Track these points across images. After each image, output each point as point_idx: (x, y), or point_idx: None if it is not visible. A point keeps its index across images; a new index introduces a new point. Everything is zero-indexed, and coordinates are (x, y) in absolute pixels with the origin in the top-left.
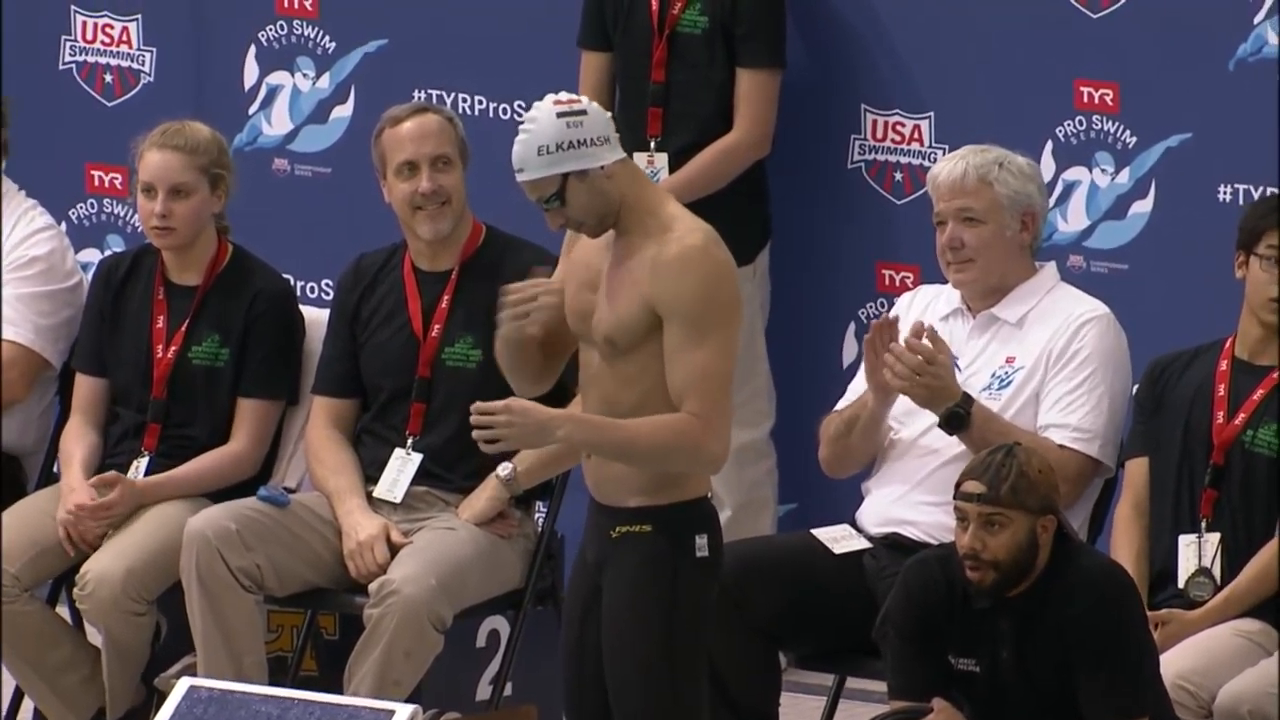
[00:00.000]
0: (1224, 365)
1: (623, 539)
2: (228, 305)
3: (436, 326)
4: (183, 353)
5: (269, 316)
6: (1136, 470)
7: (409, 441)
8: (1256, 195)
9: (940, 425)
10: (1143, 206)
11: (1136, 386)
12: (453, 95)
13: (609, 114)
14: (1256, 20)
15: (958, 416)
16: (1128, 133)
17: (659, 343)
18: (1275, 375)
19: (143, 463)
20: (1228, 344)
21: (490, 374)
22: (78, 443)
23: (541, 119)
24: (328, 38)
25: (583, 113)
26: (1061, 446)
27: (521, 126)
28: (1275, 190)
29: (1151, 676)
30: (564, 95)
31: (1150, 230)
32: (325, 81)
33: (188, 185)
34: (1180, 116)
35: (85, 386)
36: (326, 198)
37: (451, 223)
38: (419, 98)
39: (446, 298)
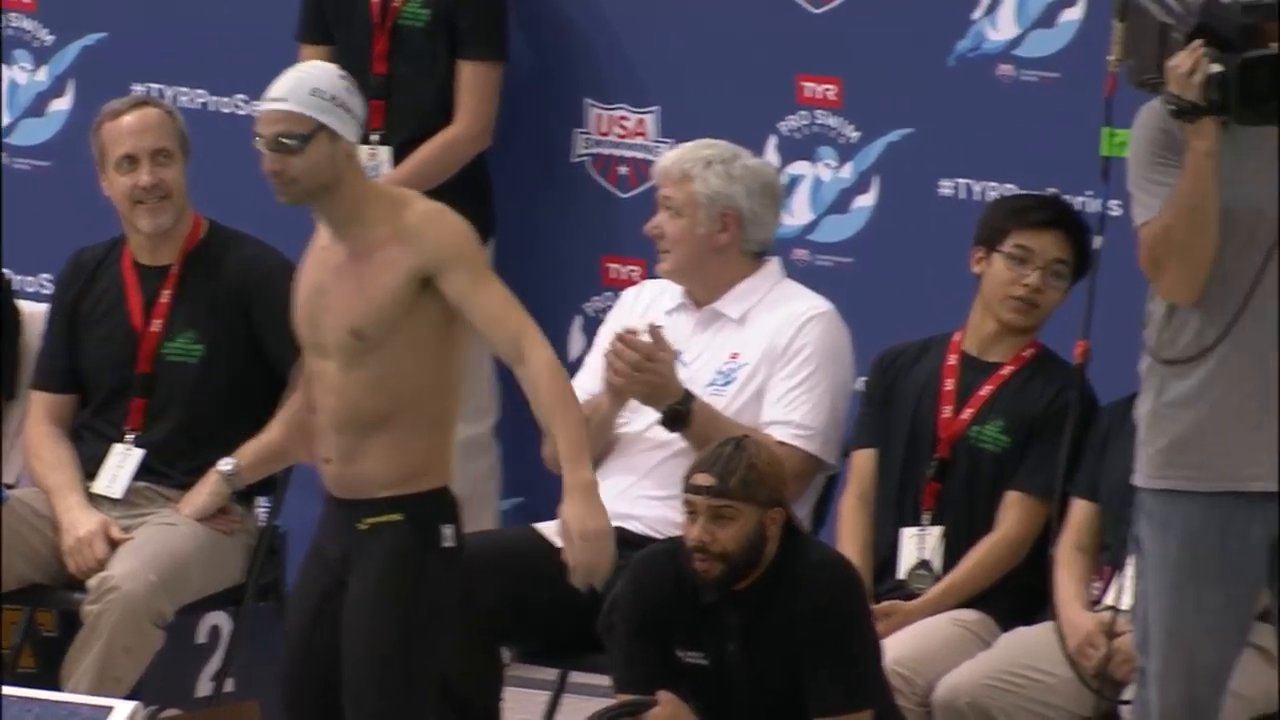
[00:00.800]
0: (952, 359)
1: (373, 530)
2: None
3: (157, 321)
4: None
5: None
6: (863, 461)
7: (129, 437)
8: (978, 190)
9: (661, 422)
10: (866, 200)
11: (865, 378)
12: (173, 89)
13: None
14: (975, 16)
15: (678, 414)
16: (851, 128)
17: (413, 332)
18: (1004, 372)
19: None
20: (956, 338)
21: (212, 370)
22: None
23: (320, 69)
24: (46, 30)
25: (355, 88)
26: (782, 443)
27: (293, 70)
28: (995, 186)
29: (875, 668)
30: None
31: (873, 224)
32: (43, 74)
33: None
34: (902, 112)
35: None
36: (45, 192)
37: (172, 217)
38: (139, 92)
39: (167, 292)
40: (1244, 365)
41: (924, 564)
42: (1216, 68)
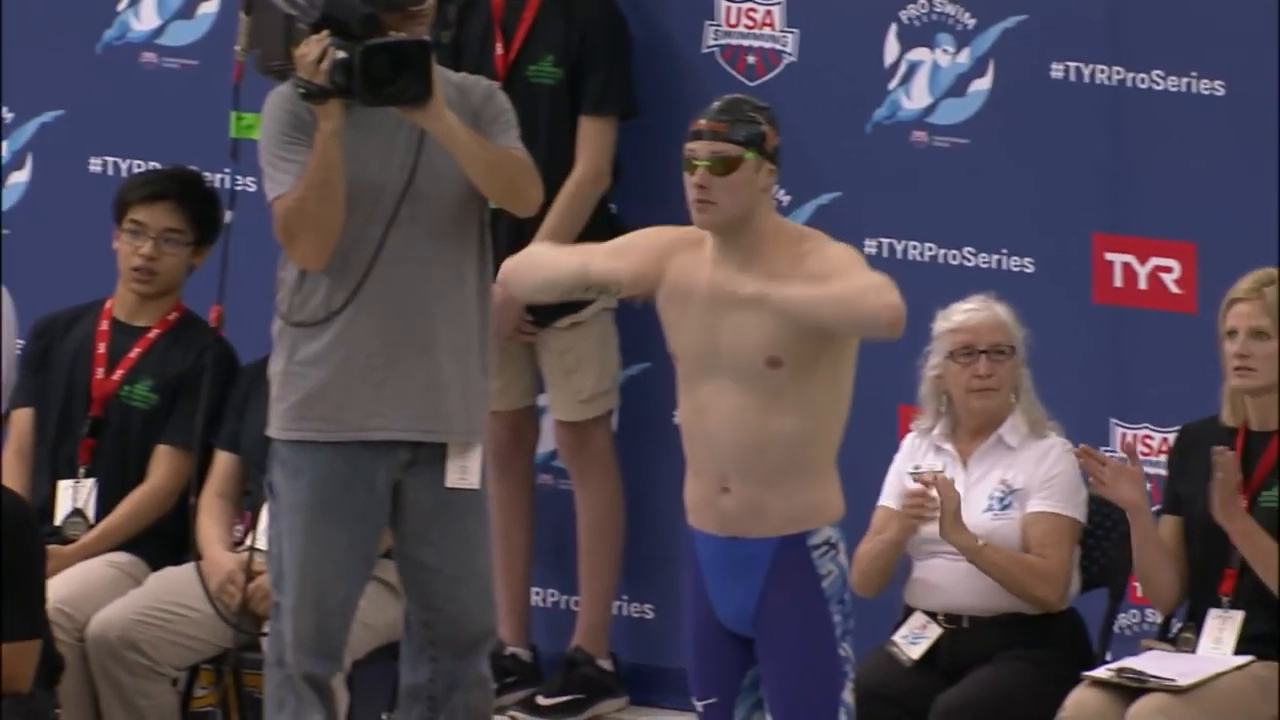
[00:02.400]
0: (104, 325)
1: None
2: None
3: None
4: None
5: None
6: (20, 420)
7: None
8: (124, 167)
9: None
10: (20, 177)
11: (21, 342)
12: None
13: None
14: (120, 8)
15: None
16: (5, 109)
17: None
18: (151, 335)
19: None
20: (107, 305)
21: None
22: None
23: None
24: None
25: None
26: None
27: None
28: (141, 164)
29: (43, 604)
30: None
31: (27, 199)
32: None
33: None
34: (53, 94)
35: None
36: None
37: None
38: None
39: None
40: (368, 327)
41: (78, 512)
42: (341, 55)
